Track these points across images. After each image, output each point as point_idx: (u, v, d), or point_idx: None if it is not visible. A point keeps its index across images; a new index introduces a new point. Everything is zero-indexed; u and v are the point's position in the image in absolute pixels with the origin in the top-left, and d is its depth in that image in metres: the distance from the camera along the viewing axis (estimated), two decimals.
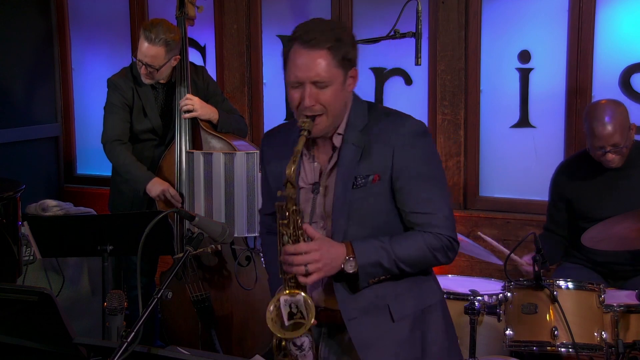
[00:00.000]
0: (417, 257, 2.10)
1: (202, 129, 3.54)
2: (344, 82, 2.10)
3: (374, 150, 2.11)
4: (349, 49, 2.09)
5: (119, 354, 1.73)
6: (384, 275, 2.11)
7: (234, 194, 3.24)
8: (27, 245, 3.59)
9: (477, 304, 2.81)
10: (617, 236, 2.94)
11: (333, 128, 2.14)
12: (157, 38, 3.44)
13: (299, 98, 2.07)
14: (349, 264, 2.04)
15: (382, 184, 2.10)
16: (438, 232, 2.09)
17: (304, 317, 2.02)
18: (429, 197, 2.11)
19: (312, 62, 2.04)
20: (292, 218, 2.02)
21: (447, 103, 4.09)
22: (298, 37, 2.06)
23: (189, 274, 3.54)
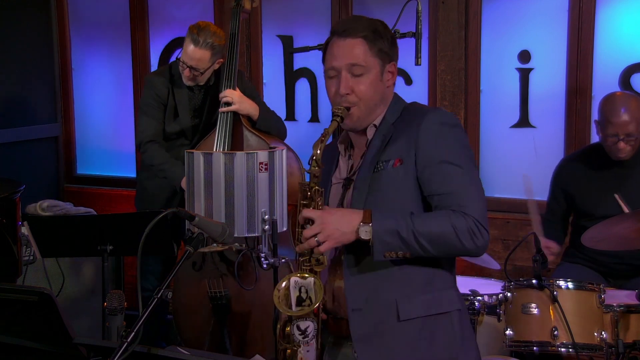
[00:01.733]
0: (439, 233, 1.94)
1: (243, 126, 3.54)
2: (381, 74, 2.11)
3: (399, 137, 2.08)
4: (386, 43, 2.12)
5: (119, 354, 1.73)
6: (401, 251, 1.97)
7: (234, 194, 3.24)
8: (27, 245, 3.59)
9: (477, 304, 2.81)
10: (617, 236, 2.95)
11: (368, 121, 2.12)
12: (204, 42, 3.45)
13: (335, 88, 2.09)
14: (364, 229, 1.95)
15: (404, 169, 2.04)
16: (464, 211, 1.95)
17: (311, 304, 1.99)
18: (454, 180, 2.00)
19: (349, 49, 2.07)
20: (314, 198, 2.00)
21: (447, 103, 4.09)
22: (336, 30, 2.11)
23: (209, 268, 3.51)
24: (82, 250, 3.10)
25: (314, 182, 2.01)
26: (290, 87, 4.55)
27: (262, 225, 3.25)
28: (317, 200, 2.01)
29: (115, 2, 4.94)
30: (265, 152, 3.26)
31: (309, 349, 2.01)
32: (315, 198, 2.01)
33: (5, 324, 1.99)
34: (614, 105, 3.22)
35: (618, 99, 3.25)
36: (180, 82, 3.63)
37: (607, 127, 3.21)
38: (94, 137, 5.14)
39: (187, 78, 3.57)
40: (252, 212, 3.27)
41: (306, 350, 2.01)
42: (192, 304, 3.60)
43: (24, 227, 3.42)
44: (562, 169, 3.46)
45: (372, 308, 2.04)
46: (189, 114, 3.66)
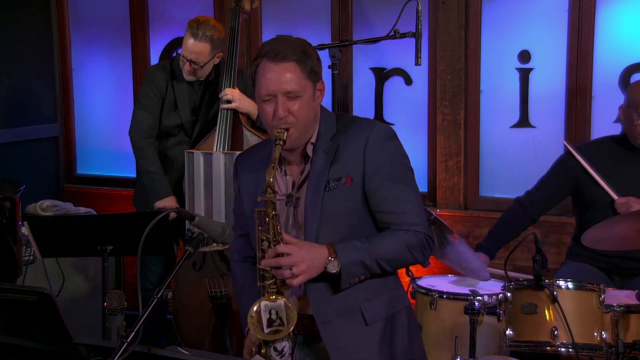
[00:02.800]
0: (397, 254, 2.15)
1: (243, 125, 3.54)
2: (313, 94, 2.18)
3: (344, 155, 2.18)
4: (315, 62, 2.18)
5: (119, 354, 1.73)
6: (364, 275, 2.16)
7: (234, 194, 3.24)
8: (27, 245, 3.59)
9: (477, 304, 2.80)
10: (617, 236, 2.94)
11: (304, 139, 2.20)
12: (203, 35, 3.46)
13: (272, 111, 2.14)
14: (332, 264, 2.08)
15: (354, 186, 2.16)
16: (415, 230, 2.15)
17: (283, 324, 2.05)
18: (402, 197, 2.18)
19: (282, 74, 2.12)
20: (272, 223, 2.06)
21: (447, 103, 4.09)
22: (265, 53, 2.14)
23: (209, 268, 3.52)
24: (82, 250, 3.10)
25: (271, 209, 2.06)
26: None
27: None
28: (276, 225, 2.07)
29: (115, 2, 4.94)
30: None
31: None
32: (274, 223, 2.07)
33: (5, 324, 1.99)
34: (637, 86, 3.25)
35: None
36: (180, 77, 3.63)
37: (630, 103, 3.20)
38: (94, 137, 5.14)
39: (188, 72, 3.57)
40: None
41: None
42: (193, 304, 3.60)
43: (24, 227, 3.42)
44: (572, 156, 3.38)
45: (341, 318, 2.16)
46: (188, 108, 3.66)
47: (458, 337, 2.92)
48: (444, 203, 4.12)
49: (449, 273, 3.50)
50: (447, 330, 3.07)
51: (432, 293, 3.14)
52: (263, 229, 2.08)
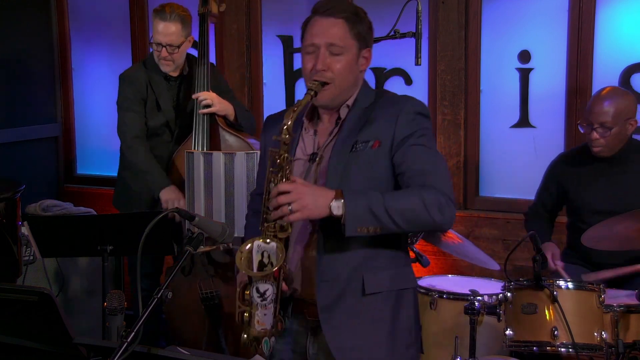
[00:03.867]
0: (410, 207, 2.01)
1: (220, 126, 3.54)
2: (357, 57, 2.16)
3: (377, 120, 2.14)
4: (364, 28, 2.17)
5: (119, 354, 1.73)
6: (373, 226, 2.00)
7: (234, 194, 3.24)
8: (27, 245, 3.59)
9: (477, 304, 2.81)
10: (617, 236, 2.95)
11: (339, 100, 2.17)
12: (171, 15, 3.47)
13: (311, 65, 2.12)
14: (336, 205, 1.97)
15: (382, 151, 2.11)
16: (434, 187, 2.03)
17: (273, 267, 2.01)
18: (428, 161, 2.09)
19: (329, 27, 2.12)
20: (283, 166, 2.03)
21: (447, 103, 4.09)
22: (317, 9, 2.16)
23: (199, 270, 3.52)
24: (82, 250, 3.10)
25: (284, 150, 2.03)
26: (290, 87, 4.55)
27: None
28: (286, 168, 2.03)
29: (115, 2, 4.94)
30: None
31: (266, 312, 2.04)
32: (284, 166, 2.03)
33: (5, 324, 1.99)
34: (598, 95, 3.26)
35: (607, 89, 3.26)
36: (156, 75, 3.61)
37: (587, 114, 3.25)
38: (94, 137, 5.14)
39: (165, 61, 3.54)
40: None
41: (263, 313, 2.04)
42: (186, 309, 3.61)
43: (24, 227, 3.42)
44: (558, 163, 3.47)
45: (340, 280, 2.11)
46: (171, 106, 3.65)
47: (458, 337, 2.92)
48: None
49: (449, 273, 3.51)
50: (447, 330, 3.07)
51: (432, 293, 3.14)
52: (273, 170, 2.03)
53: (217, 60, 4.67)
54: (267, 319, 2.05)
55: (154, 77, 3.61)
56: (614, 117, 3.16)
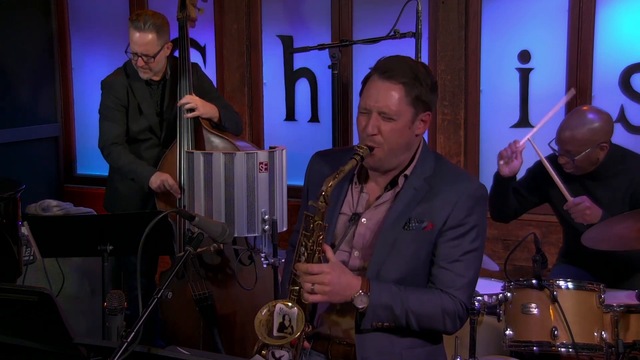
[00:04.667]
0: (429, 314, 2.07)
1: (205, 129, 3.55)
2: (412, 122, 2.10)
3: (435, 200, 2.11)
4: (425, 91, 2.09)
5: (119, 354, 1.73)
6: (388, 323, 2.08)
7: (234, 194, 3.24)
8: (27, 245, 3.59)
9: (477, 304, 2.80)
10: (617, 236, 2.94)
11: (389, 164, 2.14)
12: (145, 25, 3.46)
13: (364, 125, 2.10)
14: (360, 299, 2.02)
15: (432, 234, 2.10)
16: (455, 295, 2.08)
17: (292, 333, 2.02)
18: (464, 260, 2.10)
19: (384, 93, 2.07)
20: (316, 232, 2.03)
21: (447, 103, 4.09)
22: (378, 68, 2.11)
23: (191, 272, 3.54)
24: (82, 250, 3.09)
25: (319, 217, 2.03)
26: (290, 87, 4.55)
27: (262, 225, 3.25)
28: (319, 234, 2.04)
29: (115, 2, 4.94)
30: (265, 152, 3.26)
31: None
32: (317, 232, 2.03)
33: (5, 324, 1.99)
34: (567, 120, 3.18)
35: (578, 113, 3.17)
36: (137, 80, 3.61)
37: (556, 136, 3.18)
38: (94, 137, 5.09)
39: (142, 69, 3.55)
40: (252, 212, 3.27)
41: None
42: (181, 310, 3.62)
43: (24, 227, 3.41)
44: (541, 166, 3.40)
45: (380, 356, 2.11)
46: (153, 110, 3.65)
47: (458, 337, 2.91)
48: None
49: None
50: None
51: None
52: (306, 234, 2.04)
53: (217, 60, 4.68)
54: None
55: (135, 82, 3.62)
56: (578, 145, 3.09)
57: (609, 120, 3.17)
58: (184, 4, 3.67)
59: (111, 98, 3.63)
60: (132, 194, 3.68)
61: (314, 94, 4.49)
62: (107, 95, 3.65)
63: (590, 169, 3.17)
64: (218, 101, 3.72)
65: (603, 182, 3.20)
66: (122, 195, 3.73)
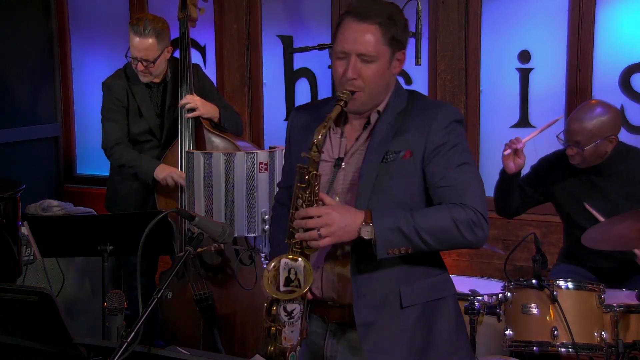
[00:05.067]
0: (440, 227, 1.99)
1: (205, 129, 3.55)
2: (389, 62, 2.10)
3: (409, 129, 2.08)
4: (400, 30, 2.09)
5: (119, 354, 1.73)
6: (405, 247, 2.00)
7: (234, 194, 3.24)
8: (27, 245, 3.59)
9: (477, 304, 2.81)
10: (617, 236, 2.94)
11: (370, 106, 2.13)
12: (145, 30, 3.46)
13: (342, 70, 2.07)
14: (366, 229, 1.97)
15: (413, 162, 2.06)
16: (465, 204, 2.00)
17: (299, 286, 2.00)
18: (462, 177, 2.04)
19: (361, 35, 2.04)
20: (312, 182, 2.00)
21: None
22: (351, 10, 2.08)
23: (191, 272, 3.54)
24: (82, 250, 3.09)
25: (313, 167, 2.00)
26: (290, 87, 4.55)
27: (262, 225, 3.25)
28: (315, 184, 2.01)
29: (115, 2, 4.94)
30: (265, 152, 3.26)
31: (294, 329, 2.03)
32: (313, 183, 2.01)
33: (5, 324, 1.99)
34: (577, 112, 3.21)
35: (587, 105, 3.21)
36: (138, 82, 3.62)
37: (564, 129, 3.23)
38: (94, 137, 5.13)
39: (142, 73, 3.56)
40: (252, 212, 3.27)
41: (290, 330, 2.03)
42: (181, 310, 3.62)
43: (24, 227, 3.42)
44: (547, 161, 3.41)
45: (377, 295, 2.08)
46: (153, 111, 3.66)
47: None
48: None
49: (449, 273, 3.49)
50: None
51: None
52: (301, 186, 2.01)
53: (217, 60, 4.68)
54: (294, 335, 2.04)
55: (135, 84, 3.63)
56: (588, 137, 3.11)
57: (618, 114, 3.22)
58: (185, 3, 3.68)
59: (112, 99, 3.64)
60: (132, 194, 3.68)
61: (314, 94, 4.49)
62: (108, 97, 3.66)
63: (597, 162, 3.19)
64: (218, 102, 3.73)
65: (609, 177, 3.21)
66: (122, 195, 3.73)
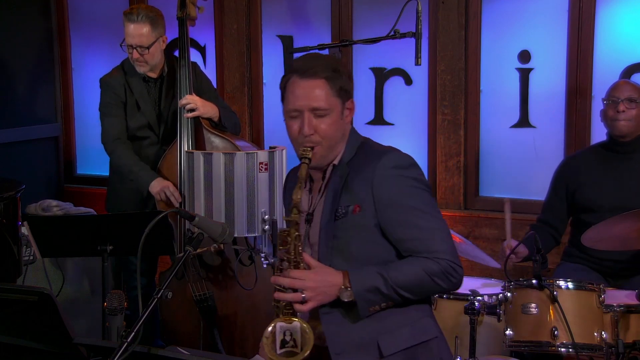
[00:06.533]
0: (416, 282, 2.05)
1: (205, 129, 3.55)
2: (341, 112, 2.14)
3: (354, 182, 2.12)
4: (345, 81, 2.15)
5: (119, 354, 1.73)
6: (384, 303, 2.07)
7: (234, 194, 3.25)
8: (27, 245, 3.59)
9: (477, 304, 2.80)
10: (617, 236, 2.94)
11: (329, 158, 2.17)
12: (139, 16, 3.49)
13: (298, 128, 2.11)
14: (345, 294, 2.04)
15: (364, 215, 2.09)
16: (436, 257, 2.05)
17: (296, 346, 2.03)
18: (422, 225, 2.08)
19: (311, 90, 2.09)
20: (294, 244, 2.06)
21: (447, 103, 4.09)
22: (296, 69, 2.12)
23: (191, 273, 3.54)
24: (82, 250, 3.09)
25: (294, 229, 2.06)
26: None
27: (262, 225, 3.25)
28: (298, 245, 2.06)
29: (115, 2, 4.94)
30: (265, 152, 3.26)
31: None
32: (296, 244, 2.06)
33: (5, 324, 1.99)
34: (619, 80, 3.40)
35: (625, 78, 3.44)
36: (135, 78, 3.62)
37: (610, 94, 3.29)
38: (94, 137, 5.12)
39: (138, 62, 3.56)
40: (252, 212, 3.28)
41: None
42: (181, 311, 3.62)
43: (24, 227, 3.42)
44: (564, 167, 3.46)
45: (355, 350, 2.10)
46: (151, 106, 3.66)
47: (458, 337, 2.92)
48: (444, 203, 4.12)
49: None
50: (447, 330, 3.05)
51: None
52: (284, 249, 2.07)
53: (217, 60, 4.68)
54: None
55: (132, 79, 3.63)
56: (639, 93, 3.24)
57: None
58: (184, 2, 3.67)
59: (110, 95, 3.64)
60: (132, 194, 3.68)
61: None
62: (105, 92, 3.66)
63: (634, 136, 3.26)
64: (216, 101, 3.73)
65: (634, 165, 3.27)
66: (122, 195, 3.73)
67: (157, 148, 3.67)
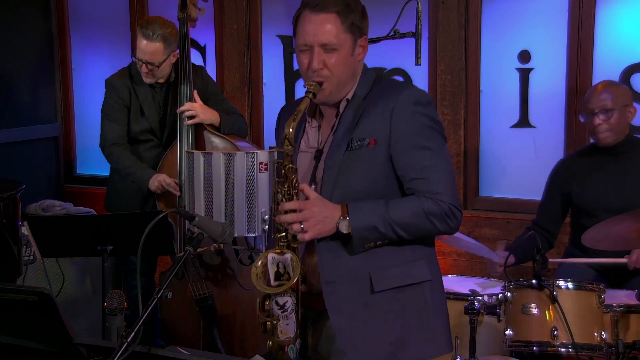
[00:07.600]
0: (414, 222, 2.04)
1: (205, 129, 3.56)
2: (352, 49, 2.11)
3: (372, 115, 2.09)
4: (358, 17, 2.11)
5: (119, 354, 1.73)
6: (379, 241, 2.07)
7: (234, 194, 3.25)
8: (27, 245, 3.59)
9: (477, 304, 2.81)
10: (617, 236, 2.95)
11: (339, 95, 2.14)
12: (154, 34, 3.46)
13: (307, 62, 2.09)
14: (344, 224, 2.03)
15: (378, 149, 2.07)
16: (437, 198, 2.04)
17: (289, 278, 2.02)
18: (427, 165, 2.06)
19: (321, 25, 2.07)
20: (288, 176, 2.03)
21: (447, 103, 4.09)
22: (308, 3, 2.11)
23: (191, 272, 3.54)
24: (82, 250, 3.09)
25: (288, 161, 2.03)
26: (290, 87, 4.55)
27: (262, 225, 3.25)
28: (292, 177, 2.04)
29: (115, 2, 4.94)
30: (265, 152, 3.26)
31: (289, 322, 2.05)
32: (290, 176, 2.04)
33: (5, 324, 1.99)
34: (595, 86, 3.35)
35: (601, 83, 3.36)
36: (141, 82, 3.63)
37: (586, 105, 3.28)
38: (94, 137, 5.10)
39: (145, 75, 3.56)
40: (252, 212, 3.27)
41: (286, 323, 2.05)
42: (181, 311, 3.63)
43: (24, 227, 3.42)
44: (559, 169, 3.46)
45: (346, 281, 2.09)
46: (155, 111, 3.66)
47: (458, 337, 2.91)
48: None
49: (449, 273, 3.50)
50: None
51: None
52: (279, 181, 2.04)
53: (217, 60, 4.68)
54: (290, 328, 2.06)
55: (138, 84, 3.64)
56: (613, 100, 3.22)
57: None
58: (185, 3, 3.68)
59: (114, 97, 3.64)
60: (132, 194, 3.68)
61: None
62: (110, 94, 3.66)
63: (621, 139, 3.25)
64: (223, 104, 3.73)
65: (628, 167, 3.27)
66: (122, 195, 3.74)
67: (158, 151, 3.68)
